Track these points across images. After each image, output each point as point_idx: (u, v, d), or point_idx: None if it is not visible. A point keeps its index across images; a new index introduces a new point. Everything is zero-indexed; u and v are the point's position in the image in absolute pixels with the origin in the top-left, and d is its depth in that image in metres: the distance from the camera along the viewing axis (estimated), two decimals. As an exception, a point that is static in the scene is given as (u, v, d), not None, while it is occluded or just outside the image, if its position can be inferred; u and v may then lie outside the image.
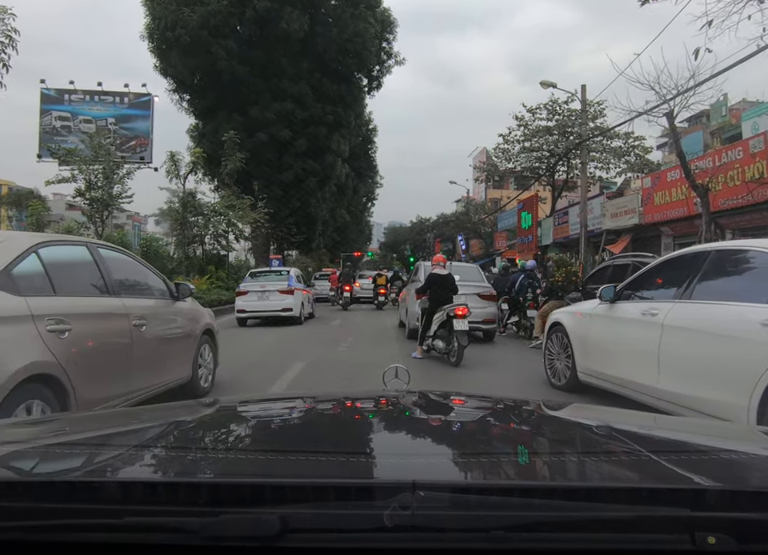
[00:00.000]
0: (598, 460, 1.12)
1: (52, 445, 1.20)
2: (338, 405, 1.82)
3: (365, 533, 0.79)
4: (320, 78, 27.78)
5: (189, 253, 19.95)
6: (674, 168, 16.18)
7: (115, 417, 1.87)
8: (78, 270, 4.19)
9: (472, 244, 43.99)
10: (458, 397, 2.02)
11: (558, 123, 25.27)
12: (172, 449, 1.23)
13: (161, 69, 27.59)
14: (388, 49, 32.11)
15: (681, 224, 16.02)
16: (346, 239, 57.86)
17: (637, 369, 4.59)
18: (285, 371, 7.14)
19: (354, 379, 6.40)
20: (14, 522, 0.81)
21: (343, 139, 30.35)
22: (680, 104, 11.06)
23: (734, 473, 1.06)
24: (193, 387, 5.47)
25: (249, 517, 0.79)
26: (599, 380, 5.27)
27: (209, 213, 19.80)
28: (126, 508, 0.82)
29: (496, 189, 52.21)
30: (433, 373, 7.25)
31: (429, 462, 1.08)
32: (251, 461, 1.08)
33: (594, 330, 5.45)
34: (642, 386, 4.49)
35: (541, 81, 20.02)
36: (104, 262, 4.25)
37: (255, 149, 26.76)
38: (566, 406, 2.02)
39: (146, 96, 43.76)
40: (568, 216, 24.00)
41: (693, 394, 3.87)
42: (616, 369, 4.93)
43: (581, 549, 0.80)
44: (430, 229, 58.13)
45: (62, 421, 1.70)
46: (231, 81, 26.17)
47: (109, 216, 13.94)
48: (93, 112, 44.50)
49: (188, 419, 1.59)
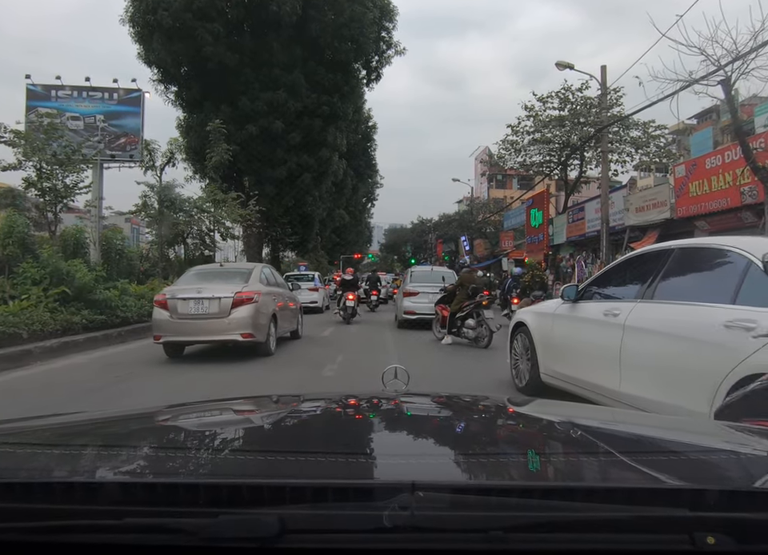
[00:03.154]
0: (597, 460, 1.14)
1: (51, 446, 1.20)
2: (337, 405, 1.77)
3: (364, 533, 0.79)
4: (315, 67, 25.91)
5: (169, 253, 18.04)
6: (715, 153, 14.26)
7: (114, 418, 1.75)
8: (274, 276, 10.65)
9: (476, 244, 42.21)
10: (458, 398, 1.97)
11: (571, 112, 23.40)
12: (171, 449, 1.22)
13: (144, 57, 25.75)
14: (387, 39, 30.26)
15: (721, 217, 14.10)
16: (346, 241, 56.36)
17: (599, 371, 4.44)
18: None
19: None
20: (13, 523, 0.81)
21: (340, 132, 28.47)
22: (739, 69, 9.17)
23: (733, 472, 1.06)
24: (295, 333, 11.09)
25: (248, 518, 0.78)
26: (562, 381, 5.08)
27: (190, 208, 17.88)
28: (125, 509, 0.81)
29: (499, 188, 50.81)
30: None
31: (428, 463, 1.08)
32: (250, 462, 1.07)
33: (556, 330, 5.27)
34: (604, 389, 4.32)
35: (557, 61, 18.19)
36: (273, 273, 10.83)
37: (245, 143, 24.97)
38: (566, 406, 2.03)
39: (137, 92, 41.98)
40: (584, 212, 22.10)
41: (654, 398, 3.72)
42: (578, 371, 4.75)
43: (580, 550, 0.79)
44: (432, 229, 56.70)
45: (61, 422, 1.60)
46: (219, 69, 24.34)
47: (62, 209, 12.03)
48: (80, 108, 42.65)
49: (187, 420, 1.60)
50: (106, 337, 10.00)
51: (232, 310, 8.13)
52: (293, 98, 25.15)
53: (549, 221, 26.19)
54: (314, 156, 27.17)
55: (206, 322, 8.12)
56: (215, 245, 19.98)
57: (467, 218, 41.61)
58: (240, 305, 8.18)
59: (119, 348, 9.86)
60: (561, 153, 24.80)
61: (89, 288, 10.18)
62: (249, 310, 8.20)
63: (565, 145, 24.11)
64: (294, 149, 26.16)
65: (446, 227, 47.49)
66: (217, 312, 8.12)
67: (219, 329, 8.13)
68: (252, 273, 9.27)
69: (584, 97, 23.09)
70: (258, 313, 8.34)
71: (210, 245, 19.39)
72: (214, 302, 8.16)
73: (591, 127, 22.09)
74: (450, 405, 1.82)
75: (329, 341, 11.40)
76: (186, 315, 8.12)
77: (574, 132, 23.44)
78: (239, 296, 8.24)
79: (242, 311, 8.15)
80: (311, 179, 28.08)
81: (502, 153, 25.07)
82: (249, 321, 8.18)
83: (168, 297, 8.36)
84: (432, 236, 56.00)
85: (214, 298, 8.18)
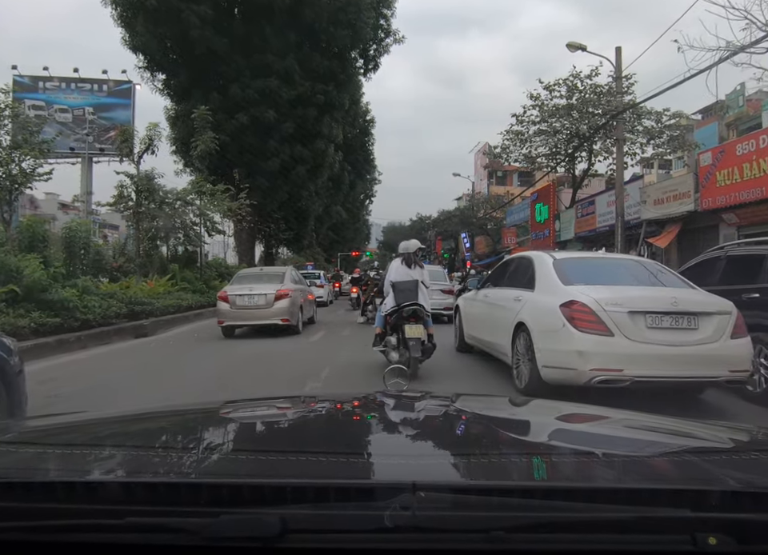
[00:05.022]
0: (599, 460, 1.14)
1: (53, 446, 1.19)
2: (338, 406, 1.78)
3: (365, 533, 0.79)
4: (309, 53, 24.58)
5: (150, 248, 16.72)
6: (747, 138, 12.95)
7: (115, 418, 1.74)
8: (298, 277, 13.94)
9: (477, 241, 40.91)
10: (459, 398, 2.00)
11: (579, 101, 22.06)
12: (173, 449, 1.23)
13: (129, 43, 24.41)
14: (386, 27, 29.00)
15: (753, 209, 12.81)
16: (343, 238, 55.26)
17: (479, 329, 7.57)
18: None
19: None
20: (15, 522, 0.81)
21: (336, 123, 27.17)
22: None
23: (735, 473, 1.05)
24: (311, 319, 13.43)
25: (249, 518, 0.78)
26: (472, 340, 8.00)
27: (173, 200, 16.55)
28: (127, 508, 0.81)
29: (499, 185, 49.55)
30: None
31: (429, 463, 1.08)
32: (252, 462, 1.07)
33: (467, 309, 8.31)
34: (481, 340, 7.47)
35: (567, 43, 16.92)
36: (297, 274, 14.11)
37: (236, 134, 23.70)
38: (566, 406, 2.06)
39: (127, 83, 40.68)
40: (594, 206, 20.80)
41: (491, 340, 6.86)
42: (474, 331, 7.83)
43: (581, 550, 0.79)
44: (431, 226, 55.44)
45: (62, 422, 1.59)
46: (207, 55, 23.02)
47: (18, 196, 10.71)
48: (69, 101, 41.46)
49: (188, 420, 1.60)
50: (59, 342, 8.66)
51: (274, 302, 11.16)
52: (286, 86, 23.84)
53: (555, 216, 24.88)
54: (308, 147, 25.86)
55: (256, 311, 11.14)
56: (201, 241, 18.62)
57: (468, 214, 40.24)
58: (279, 298, 11.22)
59: (76, 356, 8.54)
60: (568, 144, 23.48)
61: (41, 286, 8.85)
62: (285, 302, 11.29)
63: (573, 136, 22.78)
64: (287, 140, 24.85)
65: (445, 223, 46.14)
66: (263, 304, 11.16)
67: (265, 315, 11.14)
68: (285, 275, 12.53)
69: (594, 85, 21.74)
70: (291, 304, 11.44)
71: (195, 241, 18.03)
72: (261, 297, 11.20)
73: (602, 116, 20.80)
74: (450, 405, 1.82)
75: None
76: (242, 306, 11.12)
77: (583, 121, 22.11)
78: (279, 292, 11.26)
79: (280, 303, 11.22)
80: (306, 172, 26.81)
81: (506, 144, 23.69)
82: (286, 309, 11.24)
83: (229, 294, 11.29)
84: (431, 233, 54.73)
85: (261, 294, 11.20)
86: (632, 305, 4.72)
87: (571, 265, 5.84)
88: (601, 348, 4.62)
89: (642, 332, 4.61)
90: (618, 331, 4.62)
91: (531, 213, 27.88)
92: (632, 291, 5.09)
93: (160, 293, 13.97)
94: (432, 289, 11.04)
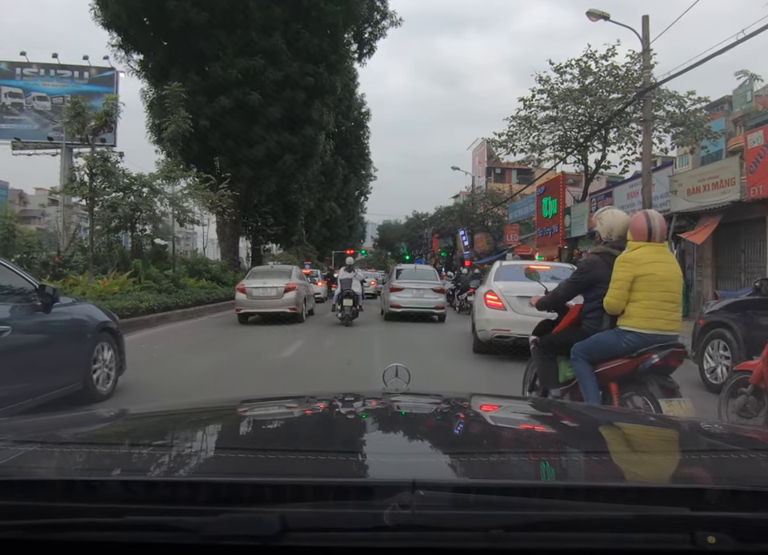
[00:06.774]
0: (598, 459, 1.13)
1: (52, 444, 1.18)
2: (338, 404, 1.77)
3: (365, 532, 0.79)
4: (298, 30, 22.53)
5: (111, 242, 14.62)
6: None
7: (114, 416, 1.75)
8: (301, 273, 16.79)
9: (477, 239, 38.96)
10: (459, 396, 1.98)
11: (594, 83, 20.06)
12: (171, 447, 1.22)
13: (101, 18, 22.25)
14: (382, 9, 27.04)
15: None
16: (337, 235, 53.16)
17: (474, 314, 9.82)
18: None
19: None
20: (14, 521, 0.81)
21: (327, 109, 25.12)
22: None
23: (734, 472, 1.05)
24: (311, 311, 16.03)
25: (248, 516, 0.78)
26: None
27: (139, 186, 14.44)
28: (125, 506, 0.81)
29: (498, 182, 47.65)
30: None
31: (429, 461, 1.08)
32: (251, 460, 1.07)
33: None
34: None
35: (588, 10, 14.90)
36: (300, 272, 16.85)
37: (217, 118, 21.67)
38: (566, 406, 2.05)
39: (110, 71, 38.35)
40: (612, 198, 18.80)
41: (473, 319, 9.61)
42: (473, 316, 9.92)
43: (580, 549, 0.79)
44: (428, 224, 53.50)
45: (61, 420, 1.59)
46: (185, 30, 20.93)
47: None
48: (48, 88, 39.17)
49: (188, 418, 1.59)
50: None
51: (284, 294, 13.37)
52: (272, 66, 21.74)
53: (565, 210, 22.90)
54: (297, 134, 23.75)
55: (268, 300, 13.33)
56: (173, 234, 16.52)
57: (468, 210, 38.21)
58: (288, 291, 13.45)
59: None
60: (579, 132, 21.49)
61: None
62: (293, 294, 13.53)
63: (585, 123, 20.77)
64: (274, 126, 22.73)
65: (444, 220, 44.13)
66: (275, 295, 13.35)
67: (276, 304, 13.34)
68: (292, 271, 14.90)
69: (611, 65, 19.75)
70: (298, 296, 13.69)
71: (165, 234, 15.92)
72: (272, 289, 13.36)
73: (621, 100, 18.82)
74: (450, 404, 1.81)
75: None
76: (257, 297, 13.33)
77: (597, 106, 20.11)
78: (288, 285, 13.50)
79: (289, 295, 13.46)
80: (294, 161, 24.70)
81: (513, 131, 21.66)
82: (293, 300, 13.51)
83: (246, 286, 13.54)
84: (428, 231, 52.78)
85: (273, 287, 13.39)
86: (518, 292, 7.67)
87: (505, 269, 8.90)
88: (499, 317, 8.15)
89: (523, 308, 7.40)
90: (510, 307, 8.06)
91: (537, 208, 25.90)
92: (521, 284, 6.98)
93: (115, 292, 11.89)
94: (423, 288, 14.73)
